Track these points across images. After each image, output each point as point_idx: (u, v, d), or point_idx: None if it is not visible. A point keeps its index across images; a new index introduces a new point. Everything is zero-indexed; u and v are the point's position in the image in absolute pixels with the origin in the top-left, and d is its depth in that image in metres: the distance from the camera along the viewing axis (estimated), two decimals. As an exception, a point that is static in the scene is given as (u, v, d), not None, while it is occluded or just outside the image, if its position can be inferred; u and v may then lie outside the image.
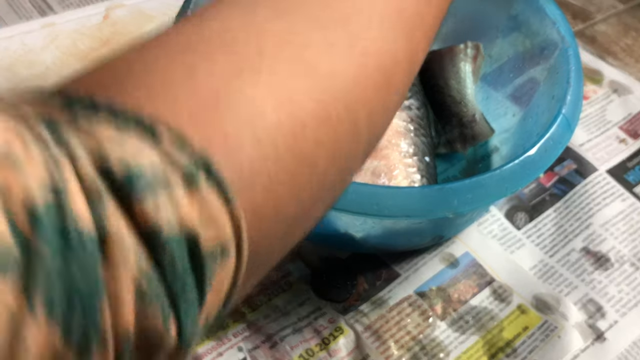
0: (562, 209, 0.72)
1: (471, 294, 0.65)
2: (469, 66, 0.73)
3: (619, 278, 0.67)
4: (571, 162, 0.76)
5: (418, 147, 0.66)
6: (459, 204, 0.53)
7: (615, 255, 0.68)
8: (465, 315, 0.63)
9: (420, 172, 0.65)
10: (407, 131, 0.67)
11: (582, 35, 0.92)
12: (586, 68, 0.86)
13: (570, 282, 0.66)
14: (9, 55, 0.82)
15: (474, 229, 0.69)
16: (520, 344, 0.61)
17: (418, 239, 0.66)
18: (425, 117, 0.70)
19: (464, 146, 0.73)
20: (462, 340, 0.62)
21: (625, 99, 0.83)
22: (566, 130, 0.58)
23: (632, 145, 0.79)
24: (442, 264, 0.66)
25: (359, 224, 0.60)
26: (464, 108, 0.72)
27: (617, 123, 0.81)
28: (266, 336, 0.60)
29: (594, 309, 0.64)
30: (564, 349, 0.61)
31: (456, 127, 0.73)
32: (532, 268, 0.67)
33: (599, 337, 0.63)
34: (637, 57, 0.90)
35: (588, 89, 0.84)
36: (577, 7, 0.96)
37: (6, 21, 0.88)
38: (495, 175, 0.54)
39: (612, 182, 0.75)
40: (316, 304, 0.63)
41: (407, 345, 0.61)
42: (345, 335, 0.61)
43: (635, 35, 0.93)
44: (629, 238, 0.70)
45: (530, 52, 0.70)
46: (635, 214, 0.72)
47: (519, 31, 0.71)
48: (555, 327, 0.63)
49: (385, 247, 0.67)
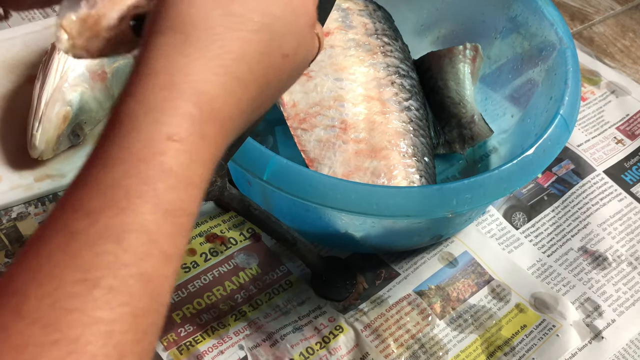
0: (560, 209, 0.72)
1: (470, 293, 0.65)
2: (468, 67, 0.73)
3: (617, 277, 0.67)
4: (569, 163, 0.77)
5: (417, 147, 0.67)
6: (458, 203, 0.53)
7: (612, 254, 0.69)
8: (464, 313, 0.64)
9: (419, 172, 0.65)
10: (407, 132, 0.67)
11: (580, 37, 0.93)
12: (584, 69, 0.86)
13: (568, 281, 0.67)
14: (11, 56, 0.82)
15: (473, 228, 0.70)
16: (519, 343, 0.62)
17: (417, 238, 0.66)
18: (424, 118, 0.71)
19: (462, 146, 0.73)
20: (460, 339, 0.62)
21: (622, 100, 0.84)
22: (564, 131, 0.59)
23: (629, 146, 0.79)
24: (441, 263, 0.67)
25: (358, 224, 0.61)
26: (462, 109, 0.73)
27: (614, 124, 0.81)
28: (267, 334, 0.61)
29: (592, 308, 0.65)
30: (562, 347, 0.62)
31: (455, 127, 0.73)
32: (531, 267, 0.68)
33: (597, 335, 0.63)
34: (634, 59, 0.90)
35: (586, 90, 0.85)
36: (575, 9, 0.97)
37: (9, 22, 0.88)
38: (494, 176, 0.55)
39: (610, 182, 0.75)
40: (316, 303, 0.64)
41: (407, 343, 0.61)
42: (345, 333, 0.62)
43: (633, 36, 0.93)
44: (626, 237, 0.71)
45: (529, 53, 0.70)
46: (632, 214, 0.73)
47: (517, 32, 0.72)
48: (554, 325, 0.63)
49: (385, 246, 0.67)
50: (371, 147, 0.65)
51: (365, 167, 0.63)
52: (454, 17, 0.79)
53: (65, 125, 0.71)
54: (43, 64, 0.74)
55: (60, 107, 0.71)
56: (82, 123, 0.74)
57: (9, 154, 0.73)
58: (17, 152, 0.72)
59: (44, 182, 0.71)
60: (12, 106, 0.77)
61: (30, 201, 0.70)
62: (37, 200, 0.70)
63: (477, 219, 0.70)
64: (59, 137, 0.71)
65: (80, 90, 0.73)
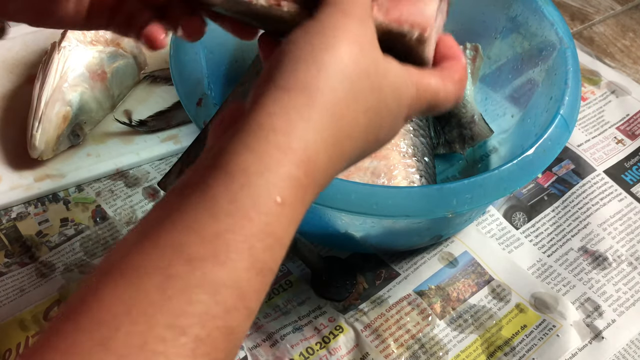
0: (560, 209, 0.72)
1: (470, 293, 0.65)
2: (468, 67, 0.73)
3: (617, 277, 0.67)
4: (569, 163, 0.77)
5: (417, 147, 0.67)
6: (458, 203, 0.53)
7: (613, 254, 0.69)
8: (464, 314, 0.64)
9: (419, 172, 0.65)
10: (407, 132, 0.67)
11: (580, 37, 0.93)
12: (584, 69, 0.86)
13: (569, 282, 0.67)
14: (11, 56, 0.82)
15: (473, 228, 0.70)
16: (519, 343, 0.62)
17: (417, 238, 0.66)
18: (424, 118, 0.71)
19: (463, 147, 0.73)
20: (460, 339, 0.62)
21: (623, 100, 0.84)
22: (564, 131, 0.59)
23: (629, 146, 0.79)
24: (441, 263, 0.67)
25: (358, 224, 0.61)
26: (463, 109, 0.73)
27: (615, 124, 0.81)
28: (267, 335, 0.61)
29: (592, 308, 0.65)
30: (562, 347, 0.62)
31: (455, 127, 0.73)
32: (531, 267, 0.68)
33: (597, 335, 0.63)
34: (634, 59, 0.90)
35: (586, 90, 0.85)
36: (575, 9, 0.97)
37: (9, 22, 0.88)
38: (494, 176, 0.55)
39: (610, 182, 0.75)
40: (316, 303, 0.64)
41: (407, 343, 0.61)
42: (345, 333, 0.62)
43: (633, 36, 0.93)
44: (626, 238, 0.71)
45: (529, 53, 0.70)
46: (632, 214, 0.73)
47: (517, 32, 0.71)
48: (554, 325, 0.63)
49: (385, 246, 0.67)
50: (371, 147, 0.65)
51: (365, 167, 0.63)
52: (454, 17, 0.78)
53: (65, 125, 0.71)
54: (43, 64, 0.74)
55: (60, 107, 0.71)
56: (82, 123, 0.74)
57: (9, 154, 0.73)
58: (17, 152, 0.73)
59: (43, 182, 0.71)
60: (12, 106, 0.77)
61: (30, 201, 0.70)
62: (37, 200, 0.70)
63: (477, 219, 0.70)
64: (59, 137, 0.71)
65: (80, 90, 0.73)
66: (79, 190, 0.72)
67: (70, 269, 0.65)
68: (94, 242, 0.67)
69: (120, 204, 0.71)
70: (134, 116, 0.77)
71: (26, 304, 0.63)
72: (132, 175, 0.73)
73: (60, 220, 0.69)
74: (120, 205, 0.70)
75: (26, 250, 0.66)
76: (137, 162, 0.74)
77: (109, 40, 0.77)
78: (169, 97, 0.80)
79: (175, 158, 0.69)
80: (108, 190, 0.72)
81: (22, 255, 0.66)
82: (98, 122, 0.76)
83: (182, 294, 0.27)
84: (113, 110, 0.78)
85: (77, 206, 0.70)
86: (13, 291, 0.64)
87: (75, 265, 0.65)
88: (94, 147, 0.75)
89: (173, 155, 0.75)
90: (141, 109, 0.78)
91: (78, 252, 0.66)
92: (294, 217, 0.30)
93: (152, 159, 0.74)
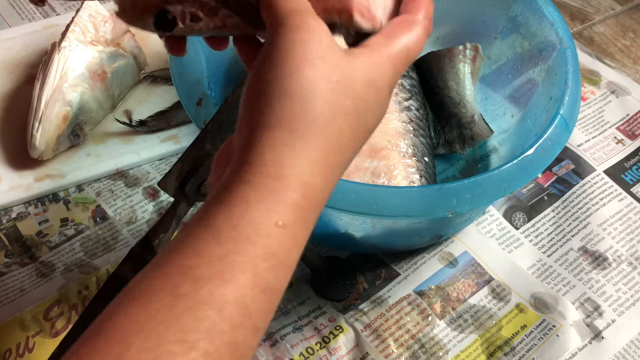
0: (560, 209, 0.72)
1: (470, 293, 0.65)
2: (468, 67, 0.73)
3: (617, 277, 0.67)
4: (569, 163, 0.77)
5: (417, 147, 0.67)
6: (458, 203, 0.53)
7: (613, 254, 0.69)
8: (464, 314, 0.64)
9: (419, 172, 0.65)
10: (407, 132, 0.67)
11: (580, 37, 0.93)
12: (584, 69, 0.86)
13: (569, 282, 0.67)
14: (11, 56, 0.82)
15: (473, 228, 0.70)
16: (519, 343, 0.62)
17: (417, 238, 0.66)
18: (424, 118, 0.71)
19: (463, 146, 0.73)
20: (460, 339, 0.62)
21: (623, 100, 0.84)
22: (564, 131, 0.59)
23: (629, 146, 0.79)
24: (441, 263, 0.67)
25: (359, 224, 0.61)
26: (463, 109, 0.73)
27: (615, 124, 0.81)
28: (267, 334, 0.61)
29: (592, 308, 0.65)
30: (562, 347, 0.62)
31: (455, 127, 0.73)
32: (531, 267, 0.68)
33: (597, 335, 0.63)
34: (634, 59, 0.90)
35: (586, 90, 0.85)
36: (575, 9, 0.97)
37: (9, 23, 0.88)
38: (494, 176, 0.55)
39: (610, 182, 0.75)
40: (316, 303, 0.64)
41: (407, 343, 0.61)
42: (345, 333, 0.62)
43: (633, 36, 0.93)
44: (626, 238, 0.71)
45: (529, 53, 0.70)
46: (632, 214, 0.73)
47: (517, 32, 0.71)
48: (554, 325, 0.63)
49: (385, 246, 0.67)
50: (371, 147, 0.65)
51: (365, 167, 0.63)
52: (454, 17, 0.79)
53: (65, 125, 0.71)
54: (43, 64, 0.74)
55: (60, 107, 0.71)
56: (82, 123, 0.74)
57: (9, 154, 0.73)
58: (17, 152, 0.73)
59: (43, 182, 0.71)
60: (12, 106, 0.77)
61: (30, 201, 0.70)
62: (37, 200, 0.70)
63: (477, 219, 0.70)
64: (59, 137, 0.71)
65: (80, 90, 0.73)
66: (79, 190, 0.72)
67: (70, 269, 0.65)
68: (94, 242, 0.68)
69: (120, 204, 0.71)
70: (134, 116, 0.77)
71: (26, 304, 0.63)
72: (132, 175, 0.73)
73: (60, 220, 0.69)
74: (121, 205, 0.70)
75: (26, 250, 0.66)
76: (137, 162, 0.74)
77: (109, 40, 0.77)
78: (169, 97, 0.80)
79: (175, 158, 0.69)
80: (108, 190, 0.72)
81: (22, 255, 0.66)
82: (98, 122, 0.76)
83: (190, 311, 0.29)
84: (113, 110, 0.78)
85: (77, 206, 0.70)
86: (13, 291, 0.64)
87: (75, 265, 0.65)
88: (94, 147, 0.75)
89: (173, 155, 0.75)
90: (141, 109, 0.78)
91: (78, 252, 0.66)
92: (296, 238, 0.32)
93: (152, 159, 0.74)
